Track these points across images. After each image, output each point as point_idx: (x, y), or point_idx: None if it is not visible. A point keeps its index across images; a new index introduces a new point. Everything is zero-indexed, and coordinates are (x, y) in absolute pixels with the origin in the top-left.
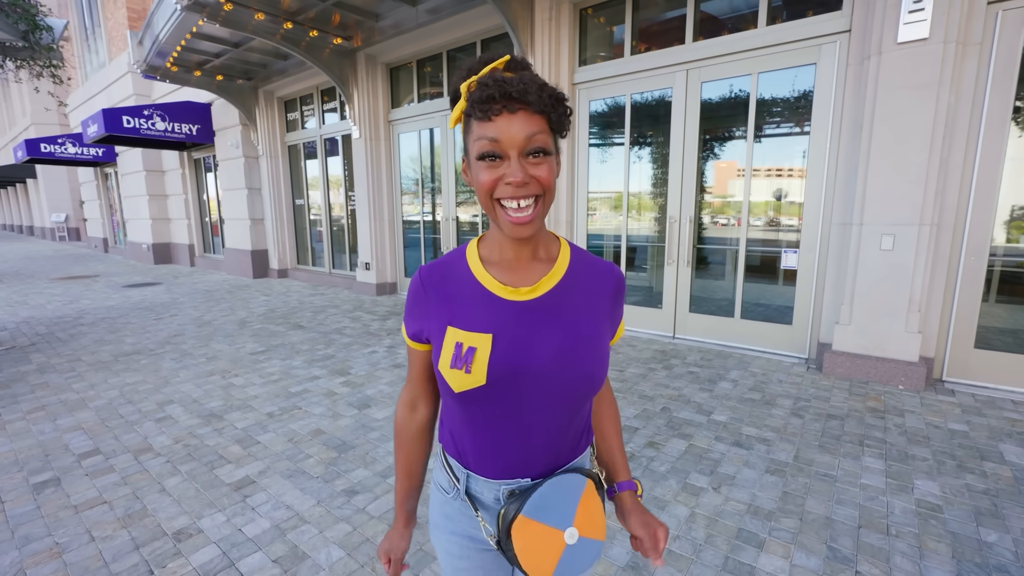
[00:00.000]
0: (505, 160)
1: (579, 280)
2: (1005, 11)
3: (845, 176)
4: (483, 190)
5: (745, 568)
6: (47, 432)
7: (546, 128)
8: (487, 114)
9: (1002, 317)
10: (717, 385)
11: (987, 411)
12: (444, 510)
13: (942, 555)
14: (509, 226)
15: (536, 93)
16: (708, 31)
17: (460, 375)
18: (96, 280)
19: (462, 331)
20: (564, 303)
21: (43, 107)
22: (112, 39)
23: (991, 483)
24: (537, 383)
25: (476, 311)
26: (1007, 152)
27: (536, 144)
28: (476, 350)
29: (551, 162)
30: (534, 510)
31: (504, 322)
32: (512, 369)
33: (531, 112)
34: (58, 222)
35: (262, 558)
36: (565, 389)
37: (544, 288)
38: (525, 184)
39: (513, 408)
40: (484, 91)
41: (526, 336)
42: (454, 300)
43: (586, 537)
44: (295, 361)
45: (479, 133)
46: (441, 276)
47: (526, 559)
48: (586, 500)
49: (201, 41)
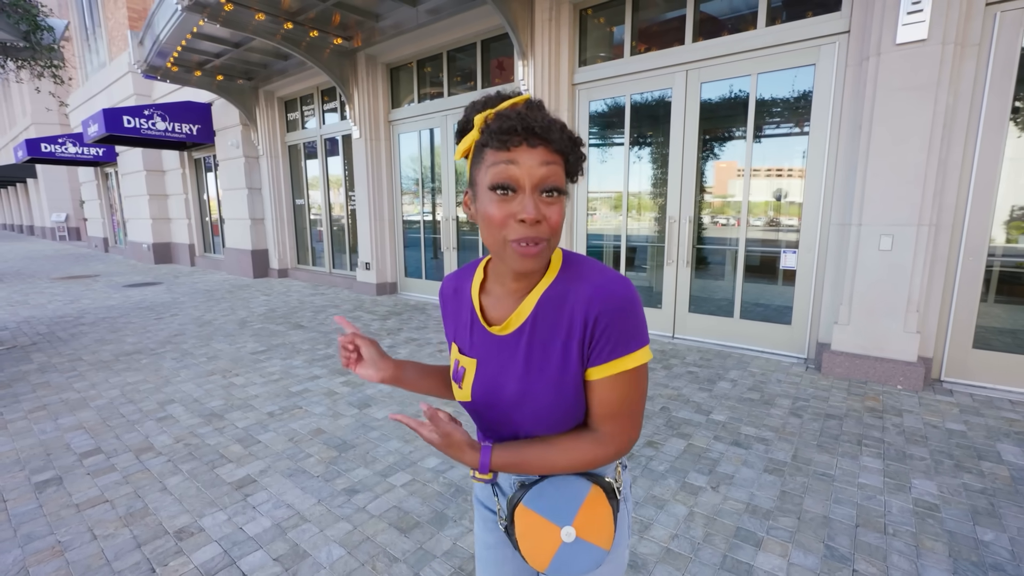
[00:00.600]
0: (519, 195)
1: (549, 313)
2: (1003, 12)
3: (844, 176)
4: (493, 224)
5: (743, 567)
6: (48, 431)
7: (562, 168)
8: (506, 144)
9: (1001, 317)
10: (716, 385)
11: (985, 411)
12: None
13: (939, 554)
14: (517, 259)
15: (558, 132)
16: (708, 32)
17: (456, 388)
18: (96, 280)
19: (458, 352)
20: (524, 343)
21: (44, 107)
22: (112, 39)
23: (988, 482)
24: (508, 408)
25: (469, 335)
26: (1005, 152)
27: (552, 182)
28: (465, 371)
29: (563, 204)
30: (534, 501)
31: (486, 352)
32: (487, 395)
33: (550, 150)
34: (58, 222)
35: (263, 556)
36: (532, 418)
37: (512, 326)
38: (537, 223)
39: (501, 423)
40: (506, 122)
41: (496, 370)
42: (459, 319)
43: (585, 540)
44: (296, 361)
45: (494, 160)
46: (454, 292)
47: (525, 544)
48: (591, 505)
49: (202, 41)
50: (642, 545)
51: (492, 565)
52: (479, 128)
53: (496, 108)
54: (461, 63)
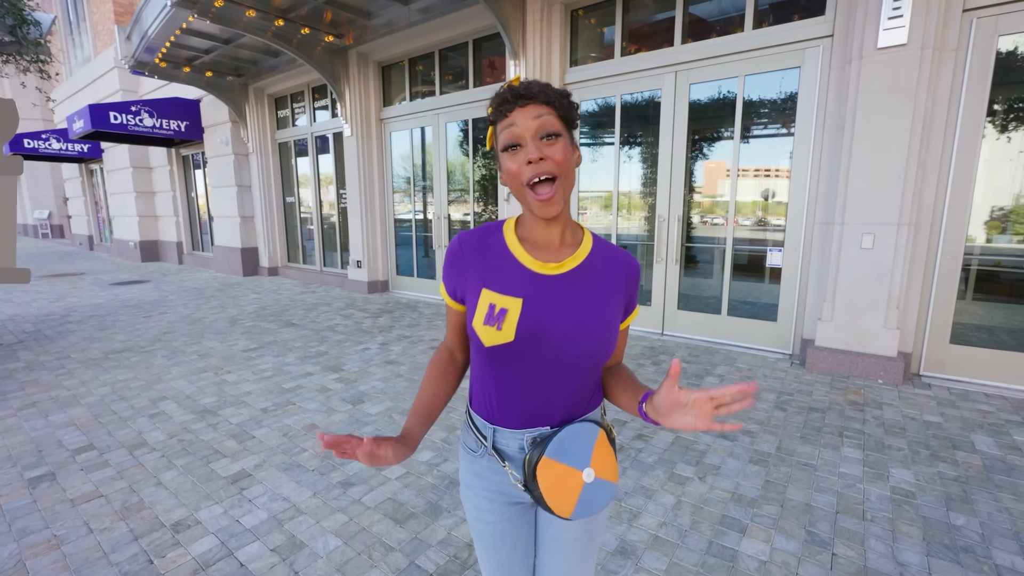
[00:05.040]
0: (523, 147)
1: (598, 264)
2: (979, 18)
3: (828, 176)
4: (512, 177)
5: (728, 552)
6: (39, 428)
7: (555, 115)
8: (504, 113)
9: (978, 314)
10: (704, 380)
11: (961, 404)
12: (473, 469)
13: (914, 538)
14: (536, 204)
15: (541, 89)
16: (696, 33)
17: (492, 331)
18: (82, 278)
19: (496, 293)
20: (583, 281)
21: (30, 102)
22: (98, 33)
23: (962, 471)
24: (557, 344)
25: (510, 278)
26: (981, 154)
27: (546, 127)
28: (507, 311)
29: (564, 143)
30: (556, 452)
31: (533, 290)
32: (537, 330)
33: (538, 103)
34: (41, 219)
35: (260, 547)
36: (579, 351)
37: (569, 266)
38: (541, 160)
39: (535, 364)
40: (500, 98)
41: (550, 303)
42: (489, 266)
43: (601, 478)
44: (288, 358)
45: (500, 128)
46: (479, 241)
47: (551, 496)
48: (600, 446)
49: (191, 37)
50: (631, 533)
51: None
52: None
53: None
54: (453, 62)
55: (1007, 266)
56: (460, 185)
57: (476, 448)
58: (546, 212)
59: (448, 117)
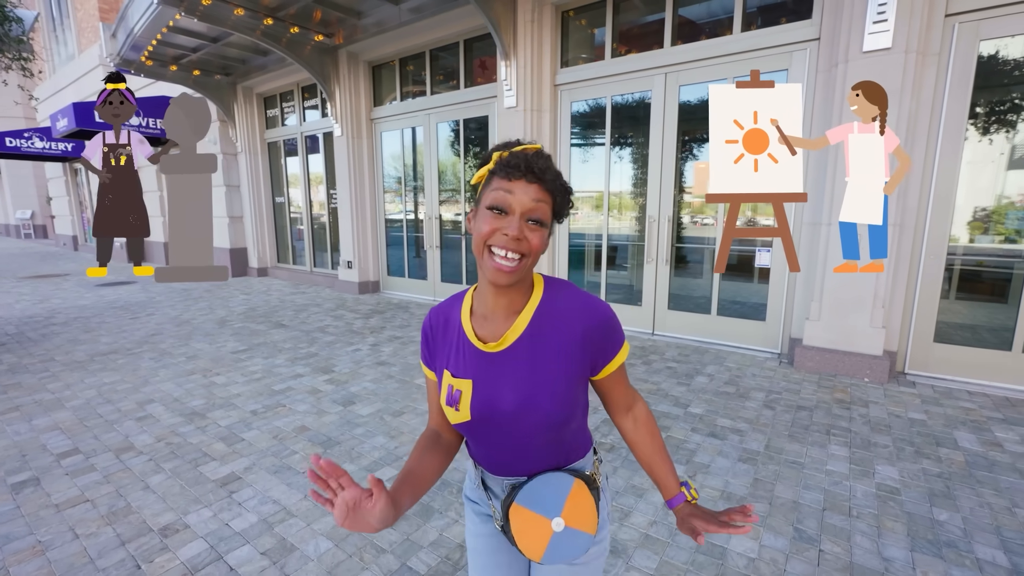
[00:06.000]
0: (509, 216)
1: (544, 327)
2: (961, 23)
3: (815, 177)
4: (480, 235)
5: (717, 549)
6: (23, 432)
7: (550, 206)
8: (509, 176)
9: (961, 313)
10: (694, 379)
11: (944, 401)
12: (470, 493)
13: (898, 533)
14: (492, 271)
15: (552, 176)
16: (686, 35)
17: (452, 412)
18: (66, 279)
19: (452, 376)
20: (522, 356)
21: (12, 100)
22: (82, 30)
23: (945, 467)
24: (509, 420)
25: (463, 358)
26: (963, 156)
27: (538, 214)
28: (462, 392)
29: (544, 234)
30: (526, 499)
31: (481, 369)
32: (488, 409)
33: (542, 189)
34: (23, 219)
35: (250, 551)
36: (533, 424)
37: (508, 340)
38: (518, 240)
39: (498, 436)
40: (513, 159)
41: (494, 384)
42: (450, 347)
43: (573, 528)
44: (278, 359)
45: (497, 186)
46: (443, 323)
47: (520, 540)
48: (575, 497)
49: (178, 35)
50: (622, 532)
51: (484, 553)
52: (494, 162)
53: (511, 150)
54: (444, 62)
55: (989, 266)
56: (451, 185)
57: (474, 478)
58: (499, 280)
59: (439, 117)
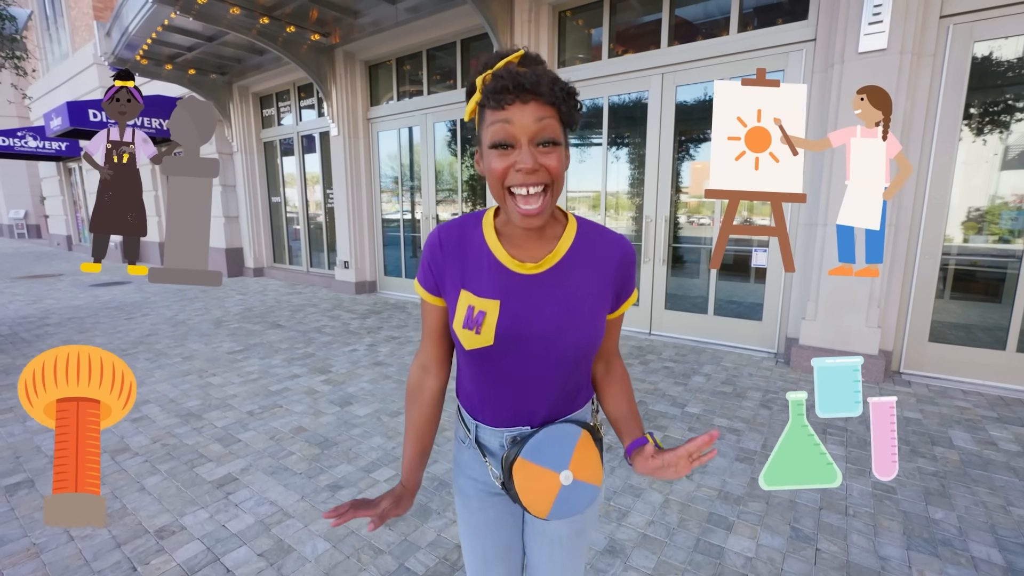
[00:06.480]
0: (516, 148)
1: (583, 254)
2: (956, 25)
3: (811, 178)
4: (495, 177)
5: (715, 549)
6: (17, 434)
7: (556, 119)
8: (500, 103)
9: (956, 313)
10: (691, 379)
11: (939, 400)
12: (460, 458)
13: (894, 532)
14: (519, 217)
15: (548, 86)
16: (683, 36)
17: (471, 335)
18: (60, 279)
19: (474, 296)
20: (565, 277)
21: (6, 99)
22: (76, 29)
23: (940, 466)
24: (537, 346)
25: (487, 279)
26: (958, 157)
27: (546, 134)
28: (486, 314)
29: (560, 152)
30: (532, 453)
31: (511, 291)
32: (516, 333)
33: (542, 103)
34: (16, 219)
35: (247, 552)
36: (560, 353)
37: (548, 263)
38: (535, 171)
39: (515, 366)
40: (499, 82)
41: (529, 305)
42: (468, 265)
43: (581, 480)
44: (274, 360)
45: (492, 119)
46: (457, 237)
47: (526, 496)
48: (581, 448)
49: (173, 34)
50: (620, 531)
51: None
52: (480, 91)
53: (493, 68)
54: (441, 62)
55: (983, 266)
56: (448, 185)
57: (464, 439)
58: (530, 224)
59: (436, 117)
